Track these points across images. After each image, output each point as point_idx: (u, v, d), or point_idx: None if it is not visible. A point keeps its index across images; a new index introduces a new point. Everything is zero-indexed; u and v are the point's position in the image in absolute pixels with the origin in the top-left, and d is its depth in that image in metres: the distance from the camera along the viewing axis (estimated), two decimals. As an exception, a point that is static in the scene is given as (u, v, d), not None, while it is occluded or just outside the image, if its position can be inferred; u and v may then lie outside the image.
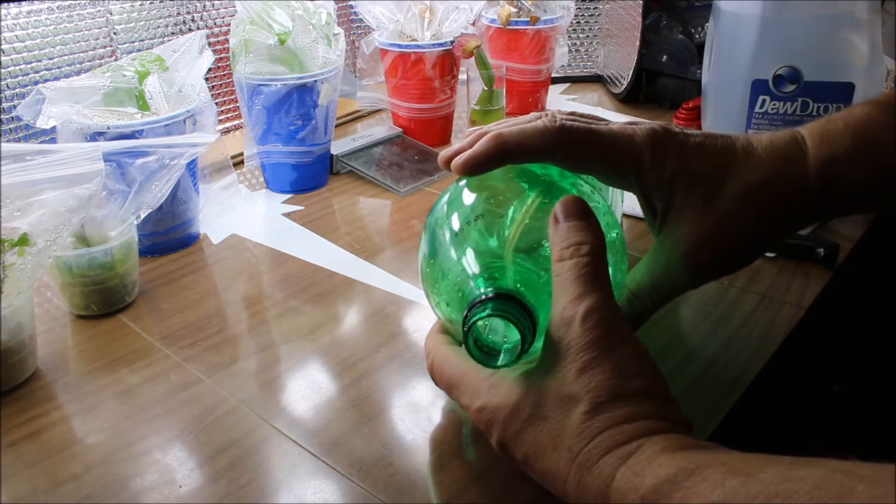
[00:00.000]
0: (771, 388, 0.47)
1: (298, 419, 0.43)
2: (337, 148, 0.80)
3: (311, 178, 0.76)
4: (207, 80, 0.66)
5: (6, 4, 0.64)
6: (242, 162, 0.75)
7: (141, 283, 0.58)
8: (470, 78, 0.86)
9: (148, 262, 0.62)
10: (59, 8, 0.69)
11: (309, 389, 0.46)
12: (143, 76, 0.61)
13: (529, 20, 0.91)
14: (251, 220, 0.70)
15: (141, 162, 0.56)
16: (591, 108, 1.01)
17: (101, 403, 0.45)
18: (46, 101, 0.57)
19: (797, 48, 0.62)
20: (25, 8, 0.66)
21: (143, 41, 0.76)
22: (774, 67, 0.63)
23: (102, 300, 0.54)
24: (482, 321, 0.34)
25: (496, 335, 0.37)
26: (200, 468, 0.39)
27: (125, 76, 0.61)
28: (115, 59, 0.74)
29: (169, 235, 0.64)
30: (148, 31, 0.77)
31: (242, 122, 0.76)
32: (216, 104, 0.72)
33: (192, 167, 0.63)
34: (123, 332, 0.52)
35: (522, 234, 0.37)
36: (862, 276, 0.67)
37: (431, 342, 0.41)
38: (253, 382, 0.47)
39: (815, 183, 0.38)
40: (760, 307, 0.53)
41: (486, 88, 0.84)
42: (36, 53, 0.68)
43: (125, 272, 0.54)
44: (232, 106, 0.87)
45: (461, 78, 0.89)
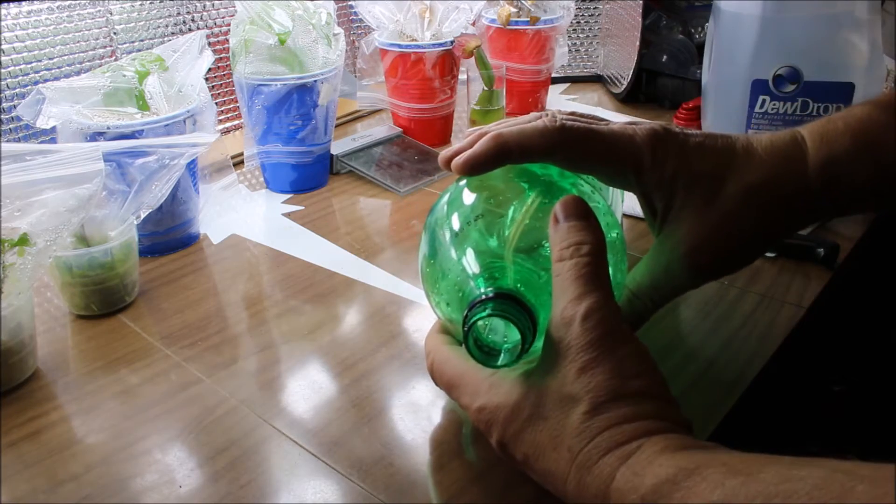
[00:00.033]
0: (771, 388, 0.47)
1: (298, 419, 0.43)
2: (337, 148, 0.80)
3: (311, 178, 0.76)
4: (207, 80, 0.66)
5: (6, 4, 0.64)
6: (242, 162, 0.75)
7: (141, 283, 0.58)
8: (470, 78, 0.86)
9: (148, 262, 0.62)
10: (59, 8, 0.69)
11: (309, 389, 0.46)
12: (143, 76, 0.61)
13: (529, 20, 0.91)
14: (251, 220, 0.70)
15: (141, 162, 0.56)
16: (591, 108, 1.01)
17: (101, 403, 0.45)
18: (46, 101, 0.57)
19: (797, 48, 0.62)
20: (25, 8, 0.66)
21: (143, 41, 0.76)
22: (774, 67, 0.63)
23: (102, 300, 0.54)
24: (482, 321, 0.34)
25: (496, 335, 0.37)
26: (200, 468, 0.39)
27: (125, 76, 0.61)
28: (115, 59, 0.74)
29: (169, 235, 0.64)
30: (148, 31, 0.77)
31: (242, 122, 0.76)
32: (216, 104, 0.72)
33: (192, 167, 0.63)
34: (123, 332, 0.52)
35: (522, 234, 0.37)
36: (862, 276, 0.67)
37: (431, 342, 0.41)
38: (253, 382, 0.47)
39: (815, 183, 0.39)
40: (760, 307, 0.53)
41: (486, 88, 0.84)
42: (36, 53, 0.68)
43: (125, 272, 0.55)
44: (232, 106, 0.87)
45: (461, 78, 0.89)
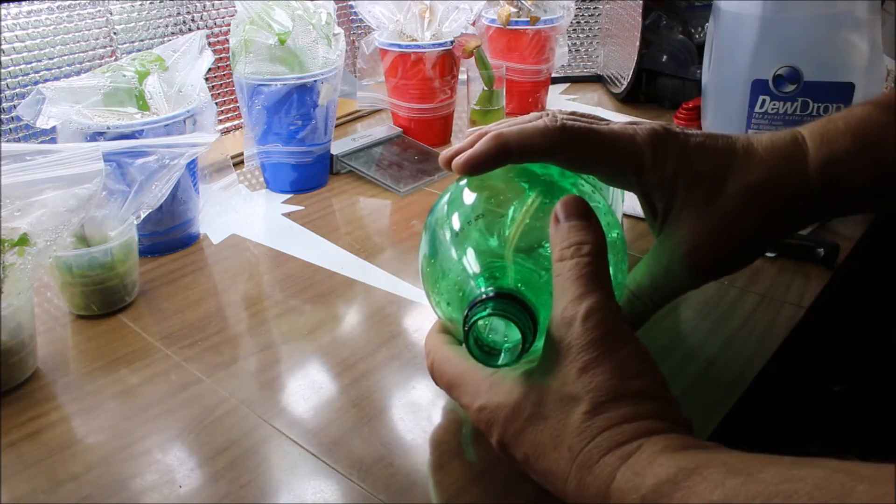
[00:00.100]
0: (771, 388, 0.47)
1: (298, 419, 0.43)
2: (337, 148, 0.80)
3: (311, 178, 0.76)
4: (207, 80, 0.66)
5: (6, 4, 0.64)
6: (242, 162, 0.75)
7: (141, 283, 0.58)
8: (470, 78, 0.86)
9: (148, 262, 0.62)
10: (59, 8, 0.69)
11: (309, 389, 0.46)
12: (143, 76, 0.61)
13: (529, 20, 0.91)
14: (251, 220, 0.70)
15: (141, 162, 0.56)
16: (591, 108, 1.01)
17: (101, 403, 0.45)
18: (46, 101, 0.57)
19: (797, 48, 0.62)
20: (25, 8, 0.66)
21: (143, 41, 0.76)
22: (774, 67, 0.63)
23: (102, 300, 0.54)
24: (483, 321, 0.34)
25: (497, 335, 0.37)
26: (200, 468, 0.39)
27: (125, 76, 0.61)
28: (115, 59, 0.74)
29: (169, 235, 0.64)
30: (148, 31, 0.77)
31: (242, 122, 0.76)
32: (216, 104, 0.72)
33: (192, 167, 0.63)
34: (123, 332, 0.52)
35: (523, 233, 0.37)
36: (862, 276, 0.67)
37: (432, 342, 0.41)
38: (253, 382, 0.47)
39: (815, 183, 0.39)
40: (760, 307, 0.53)
41: (486, 88, 0.84)
42: (36, 53, 0.68)
43: (125, 272, 0.54)
44: (232, 106, 0.87)
45: (461, 78, 0.89)
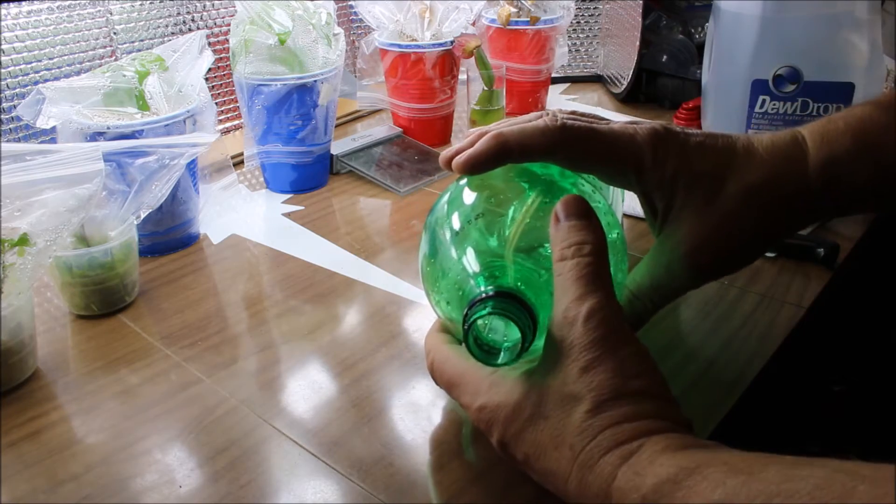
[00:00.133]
0: (771, 388, 0.47)
1: (298, 419, 0.43)
2: (337, 148, 0.80)
3: (311, 178, 0.76)
4: (207, 80, 0.66)
5: (6, 4, 0.64)
6: (242, 162, 0.75)
7: (141, 283, 0.58)
8: (470, 78, 0.86)
9: (148, 262, 0.62)
10: (59, 8, 0.69)
11: (309, 389, 0.46)
12: (143, 76, 0.61)
13: (529, 20, 0.91)
14: (251, 220, 0.70)
15: (141, 162, 0.56)
16: (591, 107, 1.01)
17: (101, 403, 0.45)
18: (46, 101, 0.57)
19: (797, 48, 0.62)
20: (25, 8, 0.66)
21: (143, 41, 0.76)
22: (774, 67, 0.63)
23: (102, 300, 0.54)
24: (482, 320, 0.34)
25: (496, 334, 0.37)
26: (200, 468, 0.39)
27: (125, 76, 0.61)
28: (115, 59, 0.74)
29: (169, 235, 0.64)
30: (148, 31, 0.77)
31: (242, 122, 0.76)
32: (216, 104, 0.72)
33: (192, 167, 0.63)
34: (123, 332, 0.52)
35: (523, 233, 0.37)
36: (862, 276, 0.67)
37: (431, 341, 0.41)
38: (253, 382, 0.47)
39: (815, 183, 0.39)
40: (760, 307, 0.53)
41: (486, 88, 0.84)
42: (36, 53, 0.68)
43: (125, 272, 0.54)
44: (232, 106, 0.87)
45: (461, 78, 0.89)
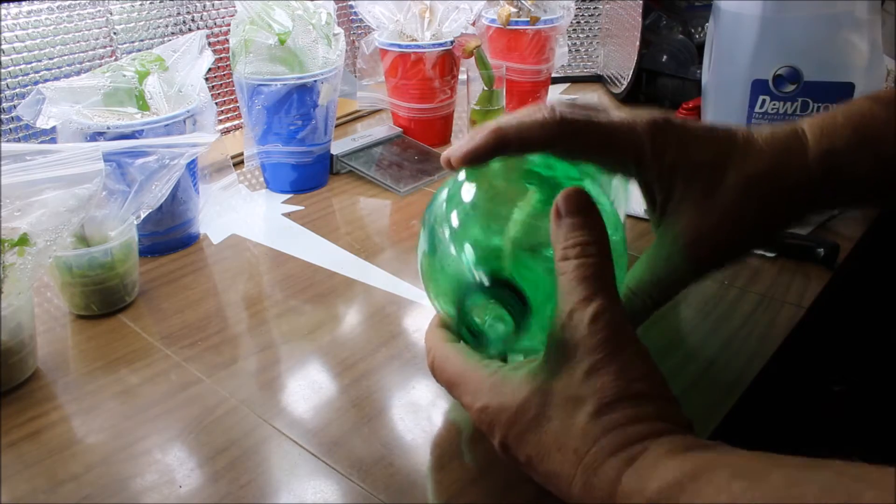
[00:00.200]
0: (771, 388, 0.47)
1: (298, 419, 0.43)
2: (337, 148, 0.80)
3: (311, 178, 0.76)
4: (207, 80, 0.66)
5: (6, 4, 0.64)
6: (242, 162, 0.75)
7: (141, 283, 0.58)
8: (470, 78, 0.86)
9: (148, 262, 0.62)
10: (59, 8, 0.69)
11: (309, 389, 0.46)
12: (143, 76, 0.61)
13: (529, 20, 0.91)
14: (251, 220, 0.70)
15: (141, 162, 0.56)
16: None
17: (101, 403, 0.45)
18: (46, 101, 0.57)
19: (797, 48, 0.62)
20: (25, 8, 0.66)
21: (143, 41, 0.76)
22: (774, 67, 0.63)
23: (102, 300, 0.54)
24: (478, 315, 0.34)
25: (495, 332, 0.37)
26: (200, 468, 0.39)
27: (125, 76, 0.61)
28: (115, 59, 0.74)
29: (169, 235, 0.64)
30: (148, 31, 0.77)
31: (242, 122, 0.76)
32: (216, 104, 0.72)
33: (192, 167, 0.63)
34: (123, 332, 0.52)
35: (522, 229, 0.37)
36: (862, 276, 0.67)
37: (432, 338, 0.41)
38: (253, 382, 0.47)
39: (815, 174, 0.38)
40: (760, 307, 0.53)
41: (486, 88, 0.84)
42: (36, 53, 0.68)
43: (125, 272, 0.54)
44: (232, 106, 0.87)
45: (461, 78, 0.88)
